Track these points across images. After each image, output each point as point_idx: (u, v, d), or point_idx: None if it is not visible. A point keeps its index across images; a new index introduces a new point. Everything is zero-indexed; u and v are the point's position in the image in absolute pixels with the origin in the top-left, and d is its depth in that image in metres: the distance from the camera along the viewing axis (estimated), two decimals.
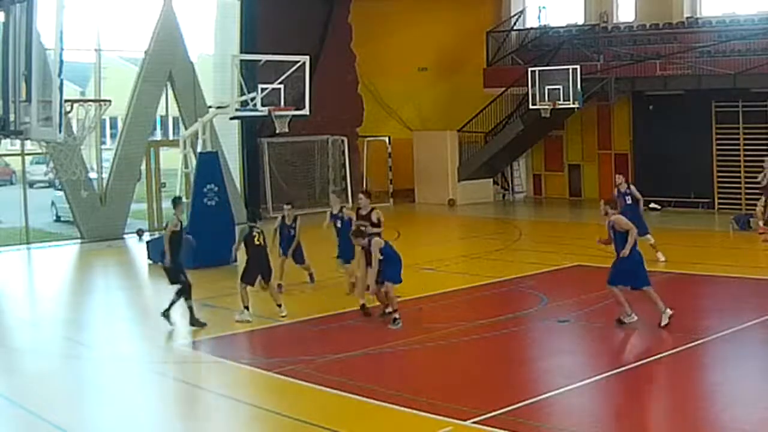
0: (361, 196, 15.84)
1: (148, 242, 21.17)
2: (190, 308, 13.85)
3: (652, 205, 26.66)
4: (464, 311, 14.73)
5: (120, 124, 26.36)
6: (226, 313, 14.77)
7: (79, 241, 23.77)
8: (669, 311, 12.75)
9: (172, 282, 13.95)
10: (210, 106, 21.46)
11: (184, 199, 16.28)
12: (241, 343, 13.44)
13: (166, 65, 24.99)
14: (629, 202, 17.81)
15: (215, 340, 13.38)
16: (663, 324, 12.71)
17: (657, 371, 11.07)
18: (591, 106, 27.81)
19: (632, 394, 10.36)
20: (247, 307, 14.32)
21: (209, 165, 19.58)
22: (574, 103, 25.61)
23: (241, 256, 14.91)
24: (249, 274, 14.36)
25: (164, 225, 14.66)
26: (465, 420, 9.22)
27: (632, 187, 18.07)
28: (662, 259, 17.61)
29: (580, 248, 20.30)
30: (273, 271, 14.75)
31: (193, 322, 13.79)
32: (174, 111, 26.15)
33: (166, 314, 13.76)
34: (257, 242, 14.42)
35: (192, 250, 15.31)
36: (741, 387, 10.39)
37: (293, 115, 19.66)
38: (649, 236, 17.60)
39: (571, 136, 30.34)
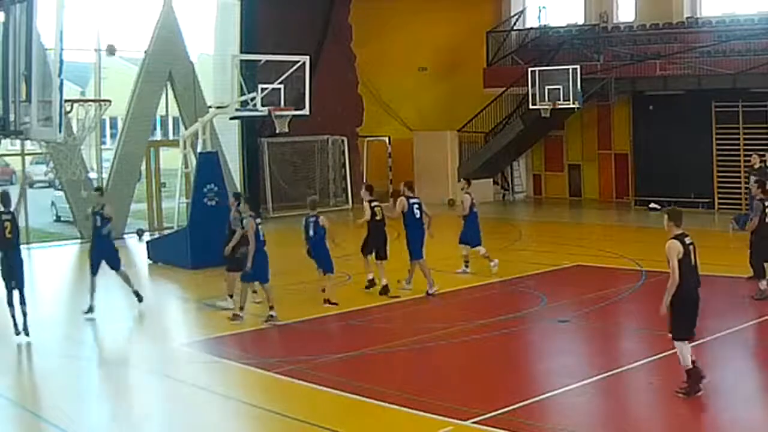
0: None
1: (148, 242, 21.18)
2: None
3: (652, 205, 26.67)
4: (464, 311, 14.73)
5: (120, 124, 26.36)
6: (226, 313, 14.76)
7: (79, 241, 23.75)
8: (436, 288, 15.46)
9: None
10: (210, 106, 21.46)
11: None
12: (241, 343, 13.43)
13: (166, 65, 24.99)
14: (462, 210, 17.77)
15: (215, 340, 13.38)
16: (430, 292, 15.40)
17: (657, 371, 11.06)
18: (591, 106, 27.82)
19: (632, 394, 10.37)
20: (231, 295, 14.62)
21: (209, 165, 19.58)
22: (574, 103, 25.61)
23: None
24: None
25: None
26: (465, 420, 9.22)
27: (469, 195, 17.86)
28: (494, 267, 17.42)
29: (580, 248, 20.31)
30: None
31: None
32: (174, 111, 26.15)
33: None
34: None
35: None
36: (741, 387, 10.39)
37: (293, 115, 19.67)
38: (480, 248, 17.65)
39: (571, 136, 30.34)
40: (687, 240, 9.80)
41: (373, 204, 15.86)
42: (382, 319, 14.19)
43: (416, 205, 15.79)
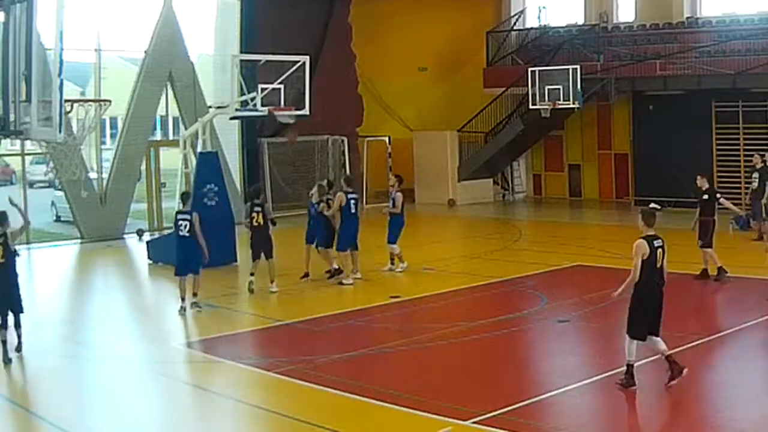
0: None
1: (148, 242, 21.19)
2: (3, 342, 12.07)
3: (652, 205, 26.54)
4: (464, 311, 14.73)
5: (120, 124, 26.36)
6: (226, 313, 14.76)
7: (79, 241, 23.77)
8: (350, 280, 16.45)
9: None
10: (210, 106, 21.45)
11: None
12: (241, 343, 13.44)
13: (166, 65, 24.99)
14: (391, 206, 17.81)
15: (215, 340, 13.38)
16: (344, 283, 16.35)
17: (657, 371, 11.06)
18: (591, 106, 27.81)
19: (632, 394, 10.35)
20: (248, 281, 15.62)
21: (209, 165, 19.58)
22: (574, 103, 25.61)
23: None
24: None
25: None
26: (465, 420, 9.22)
27: (401, 193, 17.91)
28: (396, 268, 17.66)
29: (580, 248, 20.32)
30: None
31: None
32: (174, 111, 26.15)
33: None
34: (255, 222, 15.68)
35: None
36: (741, 387, 10.40)
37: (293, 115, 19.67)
38: (395, 246, 17.72)
39: (571, 136, 30.34)
40: (656, 243, 10.21)
41: (327, 198, 16.99)
42: (382, 319, 14.19)
43: (353, 201, 16.78)
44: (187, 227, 14.59)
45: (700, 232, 15.98)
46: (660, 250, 10.18)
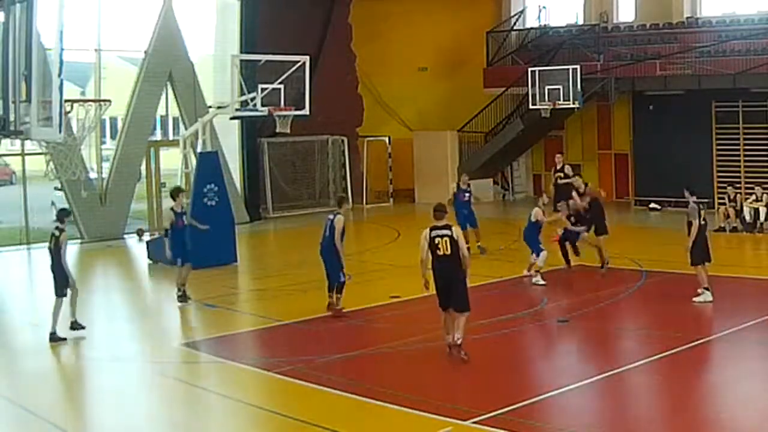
0: None
1: (148, 242, 21.18)
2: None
3: (652, 205, 26.66)
4: None
5: (120, 124, 26.37)
6: (226, 313, 14.75)
7: (79, 241, 23.76)
8: None
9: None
10: (210, 106, 21.45)
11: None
12: (241, 343, 13.44)
13: (166, 65, 24.99)
14: None
15: (215, 340, 13.39)
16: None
17: (657, 371, 11.06)
18: (591, 106, 27.81)
19: (632, 394, 10.37)
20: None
21: (209, 165, 19.59)
22: (574, 103, 25.60)
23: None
24: None
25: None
26: (465, 420, 9.22)
27: None
28: None
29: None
30: None
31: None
32: (174, 111, 26.15)
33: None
34: None
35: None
36: (741, 387, 10.40)
37: (293, 115, 19.67)
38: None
39: (571, 136, 30.34)
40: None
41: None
42: (382, 319, 14.19)
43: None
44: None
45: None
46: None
